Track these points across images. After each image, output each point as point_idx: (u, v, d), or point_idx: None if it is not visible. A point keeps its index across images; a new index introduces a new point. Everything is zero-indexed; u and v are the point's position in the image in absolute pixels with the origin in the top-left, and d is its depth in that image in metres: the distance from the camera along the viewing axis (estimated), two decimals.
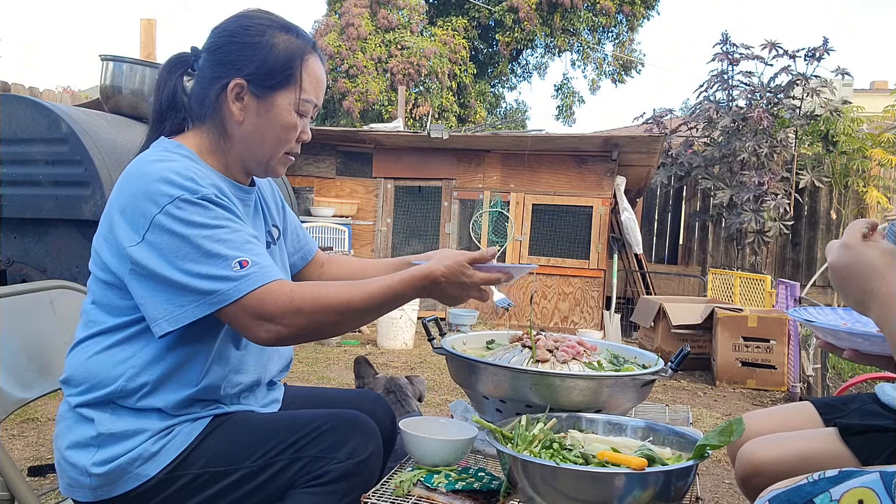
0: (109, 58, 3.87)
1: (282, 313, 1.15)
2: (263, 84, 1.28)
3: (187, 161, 1.25)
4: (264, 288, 1.14)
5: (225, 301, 1.14)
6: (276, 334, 1.16)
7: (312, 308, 1.16)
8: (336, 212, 6.71)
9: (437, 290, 1.27)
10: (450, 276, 1.25)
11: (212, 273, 1.14)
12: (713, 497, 2.75)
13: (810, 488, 1.06)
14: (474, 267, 1.27)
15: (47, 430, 3.06)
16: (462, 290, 1.28)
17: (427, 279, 1.24)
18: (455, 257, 1.27)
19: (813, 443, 1.40)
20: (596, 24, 15.82)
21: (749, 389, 4.64)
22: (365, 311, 1.22)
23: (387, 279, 1.23)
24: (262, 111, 1.30)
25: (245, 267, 1.14)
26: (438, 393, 4.10)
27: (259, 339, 1.17)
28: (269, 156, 1.34)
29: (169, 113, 1.34)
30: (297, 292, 1.16)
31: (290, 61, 1.30)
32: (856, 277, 0.92)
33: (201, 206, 1.17)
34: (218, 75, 1.29)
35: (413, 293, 1.25)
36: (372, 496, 1.20)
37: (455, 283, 1.26)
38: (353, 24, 14.56)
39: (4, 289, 1.47)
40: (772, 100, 7.15)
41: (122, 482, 1.22)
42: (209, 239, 1.15)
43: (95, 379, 1.23)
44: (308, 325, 1.17)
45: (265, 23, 1.31)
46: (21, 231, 3.65)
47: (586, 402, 1.35)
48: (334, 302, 1.17)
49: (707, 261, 8.07)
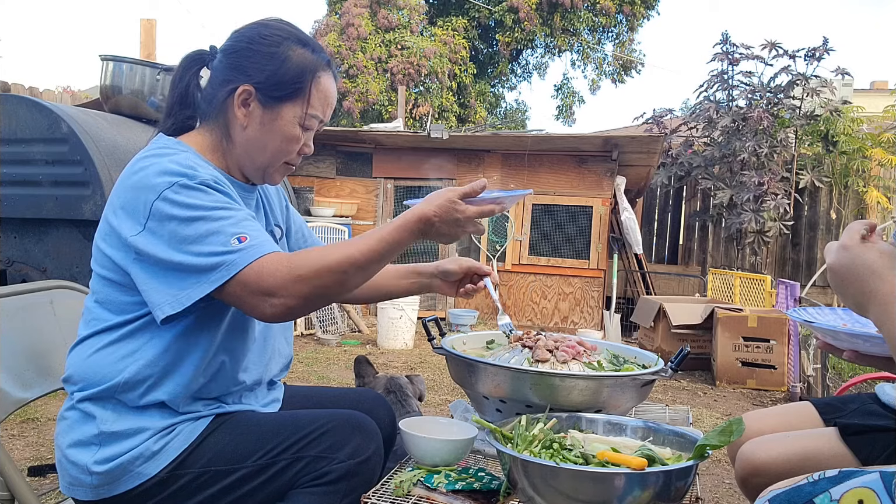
0: (109, 58, 3.87)
1: (282, 284, 1.13)
2: (271, 94, 1.29)
3: (187, 154, 1.26)
4: (261, 260, 1.13)
5: (225, 276, 1.12)
6: (283, 307, 1.14)
7: (312, 273, 1.14)
8: (336, 212, 6.71)
9: (432, 231, 1.25)
10: (442, 214, 1.23)
11: (211, 250, 1.13)
12: (713, 497, 2.75)
13: (810, 488, 1.06)
14: (465, 201, 1.25)
15: (47, 430, 3.06)
16: (457, 227, 1.26)
17: (421, 221, 1.23)
18: (445, 195, 1.25)
19: (813, 443, 1.40)
20: (596, 24, 15.82)
21: (749, 389, 4.64)
22: (367, 265, 1.20)
23: (380, 230, 1.22)
24: (267, 120, 1.30)
25: (244, 242, 1.14)
26: (438, 393, 4.10)
27: (266, 315, 1.15)
28: (268, 164, 1.34)
29: (179, 109, 1.35)
30: (295, 260, 1.14)
31: (302, 75, 1.30)
32: (854, 279, 0.92)
33: (199, 190, 1.17)
34: (229, 78, 1.30)
35: (409, 237, 1.23)
36: (372, 496, 1.20)
37: (449, 221, 1.24)
38: (353, 24, 14.57)
39: (4, 289, 1.47)
40: (772, 100, 7.14)
41: (124, 481, 1.22)
42: (207, 219, 1.15)
43: (98, 375, 1.23)
44: (313, 291, 1.15)
45: (283, 34, 1.32)
46: (21, 231, 3.65)
47: (586, 402, 1.35)
48: (333, 262, 1.15)
49: (707, 261, 8.07)
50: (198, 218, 1.15)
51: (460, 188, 1.26)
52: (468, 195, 1.26)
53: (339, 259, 1.16)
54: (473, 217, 1.26)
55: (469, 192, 1.26)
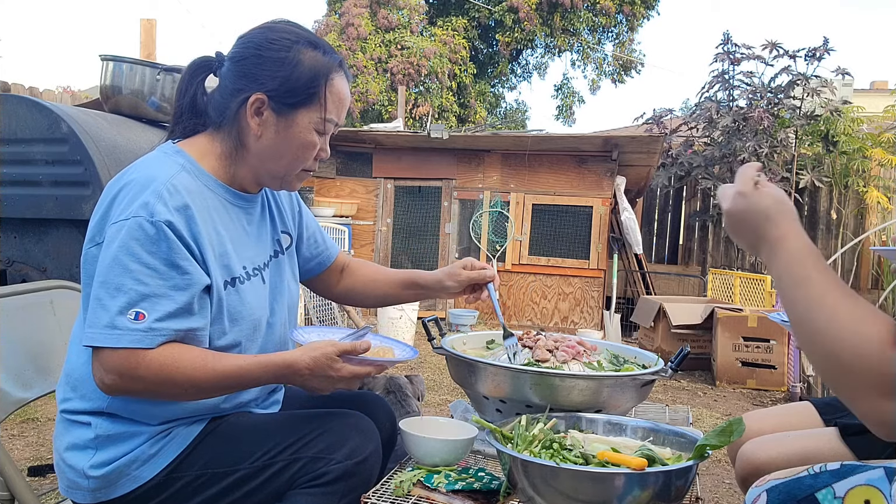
0: (109, 58, 3.86)
1: (127, 375, 1.13)
2: (285, 101, 1.26)
3: (177, 169, 1.23)
4: (132, 350, 1.13)
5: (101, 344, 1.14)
6: (118, 389, 1.16)
7: (155, 378, 1.14)
8: (336, 212, 6.71)
9: (298, 381, 1.22)
10: (315, 368, 1.19)
11: (110, 308, 1.13)
12: (713, 497, 2.75)
13: (811, 481, 1.05)
14: (344, 359, 1.20)
15: (47, 430, 3.06)
16: (328, 383, 1.22)
17: (289, 369, 1.20)
18: (324, 348, 1.20)
19: (813, 442, 1.40)
20: (596, 24, 15.82)
21: (749, 389, 4.64)
22: (210, 391, 1.21)
23: (247, 359, 1.20)
24: (282, 128, 1.27)
25: (141, 320, 1.13)
26: (438, 393, 4.09)
27: (101, 384, 1.16)
28: (285, 172, 1.32)
29: (189, 117, 1.33)
30: (149, 363, 1.14)
31: (315, 80, 1.27)
32: (750, 223, 1.00)
33: (147, 236, 1.15)
34: (240, 87, 1.27)
35: (271, 379, 1.22)
36: (372, 496, 1.20)
37: (321, 376, 1.21)
38: (353, 24, 14.56)
39: (4, 289, 1.47)
40: (772, 100, 7.14)
41: (121, 484, 1.22)
42: (128, 273, 1.14)
43: (91, 385, 1.21)
44: (145, 390, 1.16)
45: (292, 38, 1.28)
46: (21, 231, 3.64)
47: (586, 402, 1.35)
48: (179, 377, 1.15)
49: (707, 261, 8.07)
50: (124, 265, 1.14)
51: (344, 344, 1.22)
52: (349, 353, 1.21)
53: (184, 379, 1.15)
54: (348, 377, 1.22)
55: (350, 350, 1.21)
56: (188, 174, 1.24)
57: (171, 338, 1.16)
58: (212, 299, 1.23)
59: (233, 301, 1.26)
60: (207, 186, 1.27)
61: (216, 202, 1.28)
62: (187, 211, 1.19)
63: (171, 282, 1.16)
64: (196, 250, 1.20)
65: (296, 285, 1.49)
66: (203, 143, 1.31)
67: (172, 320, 1.15)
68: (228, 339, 1.26)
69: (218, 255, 1.24)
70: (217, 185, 1.30)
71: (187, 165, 1.26)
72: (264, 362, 1.20)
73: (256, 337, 1.32)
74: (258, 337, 1.32)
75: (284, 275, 1.43)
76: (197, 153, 1.29)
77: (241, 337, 1.28)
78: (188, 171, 1.25)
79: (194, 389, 1.18)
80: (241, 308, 1.28)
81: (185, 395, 1.20)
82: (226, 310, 1.25)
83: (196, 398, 1.23)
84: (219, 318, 1.24)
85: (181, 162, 1.26)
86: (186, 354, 1.16)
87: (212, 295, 1.23)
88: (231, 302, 1.26)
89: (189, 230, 1.19)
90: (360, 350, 1.22)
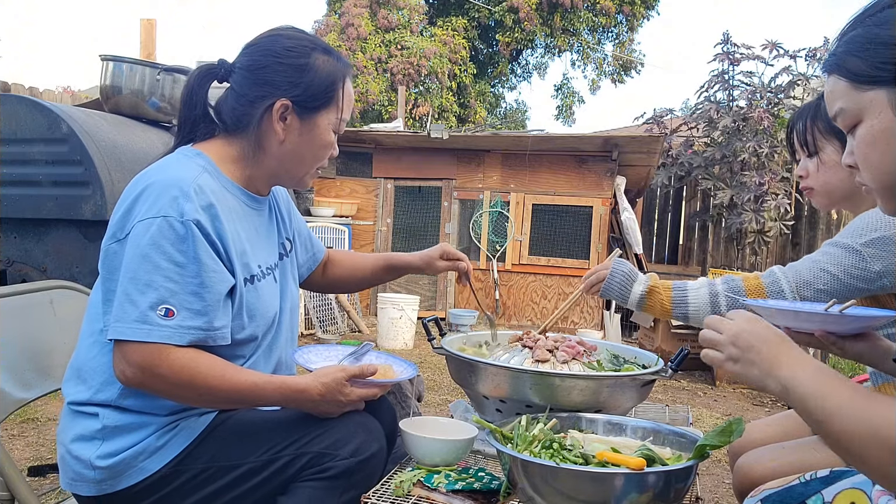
0: (109, 58, 3.86)
1: (150, 371, 1.17)
2: (308, 105, 1.33)
3: (199, 170, 1.27)
4: (159, 346, 1.16)
5: (129, 338, 1.17)
6: (137, 383, 1.19)
7: (174, 378, 1.18)
8: (336, 212, 6.71)
9: (309, 406, 1.27)
10: (326, 394, 1.25)
11: (139, 303, 1.16)
12: (713, 497, 2.75)
13: (802, 489, 1.07)
14: (352, 383, 1.27)
15: (47, 430, 3.06)
16: (337, 407, 1.28)
17: (301, 394, 1.25)
18: (334, 374, 1.26)
19: (810, 452, 1.42)
20: (596, 25, 15.82)
21: (749, 389, 4.64)
22: (223, 399, 1.24)
23: (262, 377, 1.25)
24: (305, 131, 1.34)
25: (170, 317, 1.17)
26: (438, 393, 4.10)
27: (121, 376, 1.19)
28: (305, 172, 1.40)
29: (202, 122, 1.37)
30: (172, 361, 1.17)
31: (333, 83, 1.35)
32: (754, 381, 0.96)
33: (176, 234, 1.18)
34: (262, 94, 1.32)
35: (281, 401, 1.26)
36: (372, 496, 1.20)
37: (331, 402, 1.26)
38: (353, 24, 14.56)
39: (4, 289, 1.47)
40: (772, 100, 7.14)
41: (127, 476, 1.23)
42: (159, 270, 1.17)
43: (106, 373, 1.24)
44: (162, 389, 1.20)
45: (308, 45, 1.35)
46: (21, 231, 3.64)
47: (586, 402, 1.35)
48: (198, 381, 1.18)
49: (707, 261, 8.07)
50: (154, 262, 1.17)
51: (352, 368, 1.28)
52: (357, 377, 1.27)
53: (202, 383, 1.19)
54: (356, 400, 1.28)
55: (359, 374, 1.27)
56: (209, 175, 1.29)
57: (199, 336, 1.20)
58: (233, 296, 1.27)
59: (251, 297, 1.31)
60: (226, 188, 1.32)
61: (234, 203, 1.33)
62: (212, 210, 1.24)
63: (199, 279, 1.20)
64: (221, 249, 1.24)
65: (296, 288, 1.55)
66: (219, 146, 1.36)
67: (200, 318, 1.20)
68: (247, 333, 1.31)
69: (239, 253, 1.29)
70: (234, 187, 1.34)
71: (208, 167, 1.31)
72: (278, 384, 1.25)
73: (270, 332, 1.37)
74: (271, 332, 1.38)
75: (288, 277, 1.49)
76: (216, 156, 1.34)
77: (258, 331, 1.33)
78: (209, 172, 1.30)
79: (209, 396, 1.21)
80: (259, 304, 1.33)
81: (199, 401, 1.24)
82: (245, 306, 1.30)
83: (207, 406, 1.28)
84: (239, 314, 1.29)
85: (202, 164, 1.30)
86: (207, 361, 1.20)
87: (234, 292, 1.27)
88: (250, 298, 1.31)
89: (215, 229, 1.23)
90: (367, 374, 1.29)
